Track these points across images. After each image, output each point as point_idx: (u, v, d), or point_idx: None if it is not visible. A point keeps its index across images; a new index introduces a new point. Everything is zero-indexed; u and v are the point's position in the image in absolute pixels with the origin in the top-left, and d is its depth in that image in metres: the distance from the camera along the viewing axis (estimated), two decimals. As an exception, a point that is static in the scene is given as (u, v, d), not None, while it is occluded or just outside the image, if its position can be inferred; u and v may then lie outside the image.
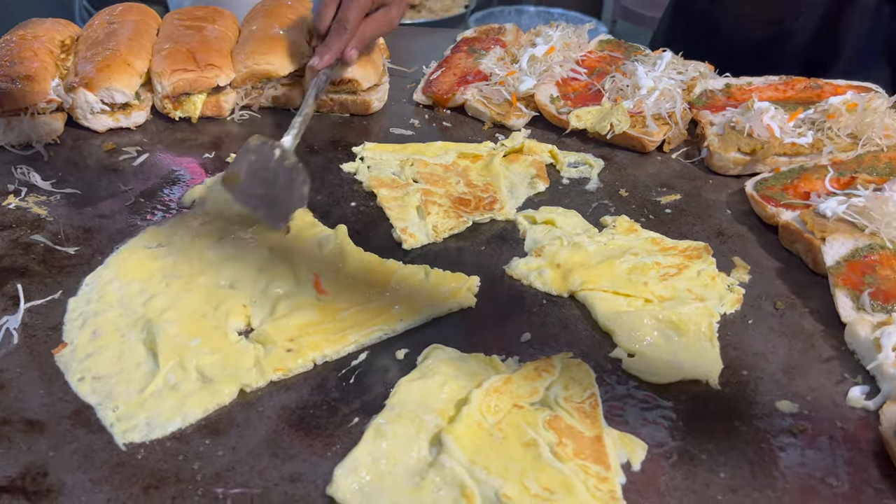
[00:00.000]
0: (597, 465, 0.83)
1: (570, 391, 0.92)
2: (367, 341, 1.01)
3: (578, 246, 1.17)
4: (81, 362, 0.96)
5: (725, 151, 1.38)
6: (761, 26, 1.78)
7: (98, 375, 0.94)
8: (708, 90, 1.58)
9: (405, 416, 0.87)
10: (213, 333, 1.00)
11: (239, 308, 1.05)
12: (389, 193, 1.31)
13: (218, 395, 0.91)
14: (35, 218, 1.24)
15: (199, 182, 1.34)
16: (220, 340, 1.00)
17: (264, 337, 0.99)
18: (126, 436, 0.87)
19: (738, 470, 0.85)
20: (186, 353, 0.97)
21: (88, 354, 0.97)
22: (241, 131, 1.52)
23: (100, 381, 0.94)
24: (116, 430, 0.87)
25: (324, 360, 0.98)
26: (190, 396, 0.91)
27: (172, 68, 1.48)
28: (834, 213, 1.16)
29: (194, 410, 0.90)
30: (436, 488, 0.80)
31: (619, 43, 1.77)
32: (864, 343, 0.98)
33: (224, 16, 1.70)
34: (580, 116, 1.50)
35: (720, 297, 1.10)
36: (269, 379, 0.95)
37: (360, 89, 1.55)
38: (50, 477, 0.82)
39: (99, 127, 1.48)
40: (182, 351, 0.97)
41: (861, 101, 1.39)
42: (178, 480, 0.82)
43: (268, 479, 0.82)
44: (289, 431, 0.88)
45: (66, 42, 1.60)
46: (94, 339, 0.99)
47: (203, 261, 1.13)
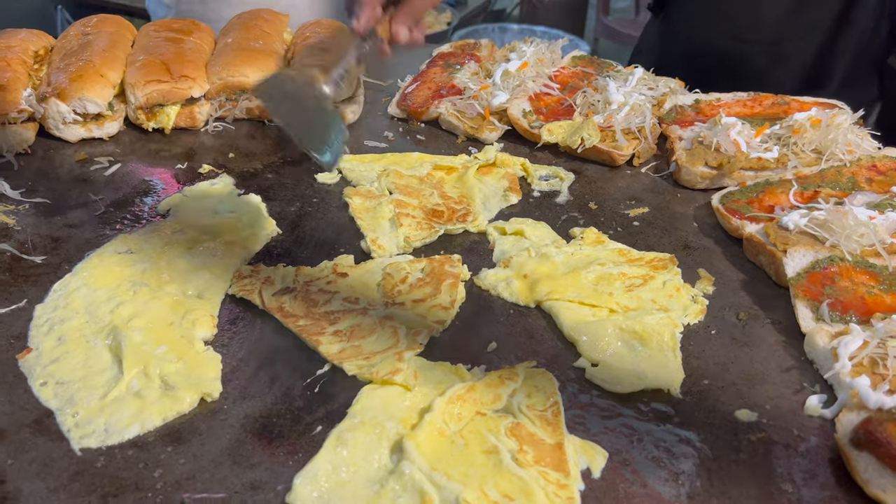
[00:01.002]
0: (556, 472, 0.83)
1: (532, 399, 0.93)
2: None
3: (546, 257, 1.18)
4: (45, 367, 0.96)
5: (693, 165, 1.41)
6: (761, 49, 1.81)
7: (61, 381, 0.94)
8: (678, 105, 1.61)
9: (367, 424, 0.87)
10: (180, 342, 1.00)
11: (206, 318, 1.05)
12: (362, 203, 1.32)
13: (178, 403, 0.91)
14: (2, 227, 1.23)
15: (172, 192, 1.35)
16: (185, 349, 1.00)
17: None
18: (83, 441, 0.87)
19: (697, 478, 0.86)
20: (151, 360, 0.96)
21: (53, 360, 0.97)
22: (215, 143, 1.53)
23: (62, 386, 0.93)
24: (73, 436, 0.87)
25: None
26: (151, 404, 0.91)
27: (146, 79, 1.49)
28: (796, 225, 1.19)
29: (153, 418, 0.90)
30: (395, 495, 0.80)
31: (591, 59, 1.80)
32: (823, 353, 1.00)
33: (200, 28, 1.71)
34: (552, 130, 1.52)
35: (684, 307, 1.11)
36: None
37: (334, 101, 1.56)
38: (7, 485, 0.81)
39: (71, 137, 1.48)
40: (147, 358, 0.97)
41: (825, 118, 1.42)
42: (138, 488, 0.81)
43: (228, 487, 0.82)
44: (251, 440, 0.88)
45: (40, 52, 1.61)
46: (60, 344, 0.99)
47: (172, 269, 1.13)
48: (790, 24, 1.75)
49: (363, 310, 1.06)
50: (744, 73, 1.78)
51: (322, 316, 1.05)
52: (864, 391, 0.90)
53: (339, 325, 1.04)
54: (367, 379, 0.95)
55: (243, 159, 1.47)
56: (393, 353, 0.99)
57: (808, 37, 1.76)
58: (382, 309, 1.07)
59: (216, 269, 1.14)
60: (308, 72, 1.09)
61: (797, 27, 1.75)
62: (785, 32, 1.77)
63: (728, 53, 1.82)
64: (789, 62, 1.79)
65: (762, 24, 1.78)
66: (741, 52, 1.81)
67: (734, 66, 1.81)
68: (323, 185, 1.41)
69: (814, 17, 1.74)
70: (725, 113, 1.51)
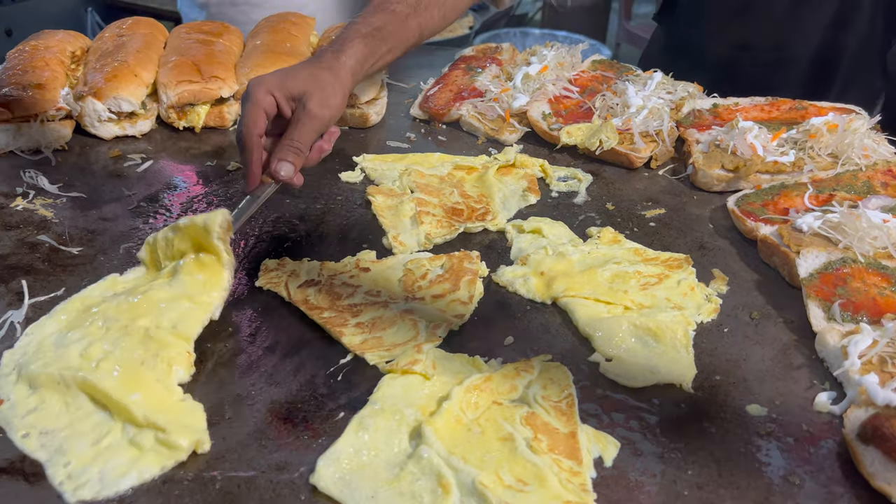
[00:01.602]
0: (569, 460, 0.86)
1: (548, 391, 0.96)
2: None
3: (563, 255, 1.21)
4: (24, 418, 0.89)
5: (709, 168, 1.43)
6: (762, 53, 1.84)
7: (45, 430, 0.88)
8: (696, 110, 1.63)
9: (387, 411, 0.91)
10: (154, 387, 0.92)
11: (182, 355, 0.97)
12: (384, 202, 1.36)
13: (176, 452, 0.86)
14: (41, 219, 1.29)
15: (200, 190, 1.40)
16: (163, 397, 0.92)
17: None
18: (77, 493, 0.82)
19: (706, 468, 0.88)
20: (130, 408, 0.89)
21: (30, 410, 0.90)
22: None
23: (48, 436, 0.87)
24: (67, 489, 0.82)
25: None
26: (147, 451, 0.86)
27: (178, 79, 1.54)
28: (810, 227, 1.21)
29: (151, 467, 0.85)
30: (414, 478, 0.84)
31: (611, 63, 1.82)
32: (833, 351, 1.02)
33: (230, 31, 1.77)
34: (571, 133, 1.55)
35: (698, 306, 1.14)
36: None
37: (358, 103, 1.60)
38: (47, 460, 0.85)
39: (106, 134, 1.54)
40: (123, 407, 0.89)
41: (842, 122, 1.44)
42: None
43: (255, 467, 0.86)
44: (277, 424, 0.92)
45: (77, 53, 1.67)
46: (33, 393, 0.92)
47: (148, 301, 1.02)
48: (789, 28, 1.78)
49: (384, 303, 1.10)
50: (745, 80, 1.80)
51: (345, 308, 1.09)
52: (873, 388, 0.92)
53: (361, 317, 1.08)
54: (388, 369, 0.99)
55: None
56: (412, 344, 1.03)
57: (808, 39, 1.78)
58: (403, 303, 1.10)
59: (199, 297, 1.03)
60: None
61: (796, 30, 1.78)
62: (785, 37, 1.79)
63: (730, 60, 1.86)
64: (791, 66, 1.82)
65: (762, 29, 1.81)
66: (742, 58, 1.84)
67: (736, 72, 1.84)
68: (347, 183, 1.45)
69: (811, 19, 1.76)
70: (743, 117, 1.53)
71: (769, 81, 1.83)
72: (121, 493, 0.82)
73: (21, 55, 1.58)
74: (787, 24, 1.79)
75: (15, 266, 1.17)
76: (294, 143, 1.14)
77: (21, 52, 1.60)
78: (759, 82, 1.79)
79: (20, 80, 1.48)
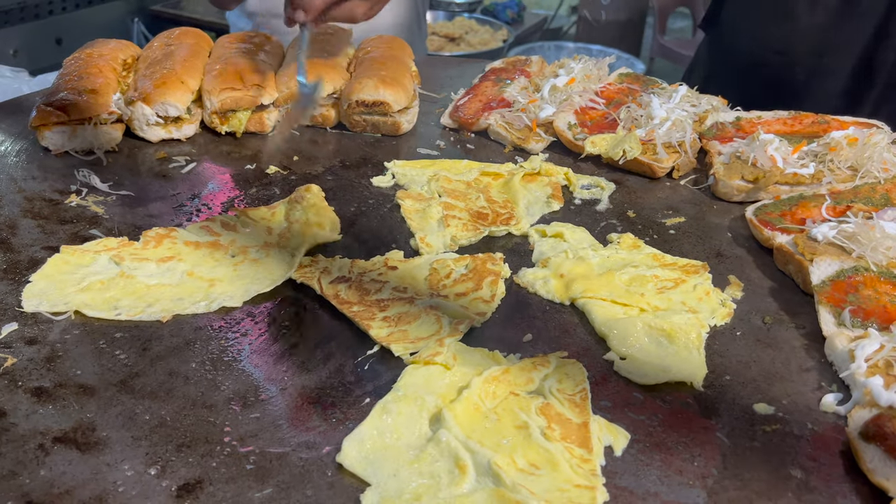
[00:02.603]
0: (581, 448, 0.91)
1: (563, 384, 1.01)
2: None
3: (582, 258, 1.26)
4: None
5: (729, 179, 1.47)
6: (803, 59, 1.88)
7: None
8: (719, 122, 1.67)
9: (409, 397, 0.97)
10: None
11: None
12: (412, 205, 1.43)
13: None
14: (93, 215, 1.38)
15: (238, 192, 1.48)
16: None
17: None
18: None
19: (711, 460, 0.92)
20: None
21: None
22: (281, 146, 1.66)
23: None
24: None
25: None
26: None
27: (222, 87, 1.63)
28: (825, 237, 1.24)
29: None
30: (433, 459, 0.89)
31: (637, 76, 1.87)
32: (841, 354, 1.05)
33: (271, 41, 1.86)
34: (595, 143, 1.60)
35: (712, 310, 1.18)
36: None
37: (391, 111, 1.67)
38: (98, 432, 0.93)
39: (153, 137, 1.63)
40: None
41: (862, 136, 1.47)
42: (208, 441, 0.93)
43: (286, 445, 0.93)
44: (307, 407, 0.99)
45: (128, 61, 1.77)
46: None
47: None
48: (830, 38, 1.81)
49: (410, 299, 1.16)
50: (787, 88, 1.84)
51: (373, 303, 1.15)
52: (877, 390, 0.96)
53: (388, 311, 1.14)
54: (412, 361, 1.05)
55: (306, 162, 1.60)
56: (435, 339, 1.09)
57: (848, 50, 1.81)
58: (428, 299, 1.16)
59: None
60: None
61: (837, 40, 1.81)
62: (826, 45, 1.83)
63: (772, 68, 1.89)
64: (830, 77, 1.85)
65: (805, 36, 1.85)
66: (784, 66, 1.87)
67: (778, 80, 1.88)
68: (378, 188, 1.52)
69: (853, 29, 1.79)
70: (765, 130, 1.57)
71: (808, 90, 1.87)
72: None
73: (77, 62, 1.68)
74: (830, 33, 1.82)
75: (69, 257, 1.26)
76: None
77: (77, 59, 1.70)
78: (798, 90, 1.84)
79: (76, 85, 1.58)
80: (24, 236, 1.30)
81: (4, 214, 1.36)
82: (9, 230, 1.32)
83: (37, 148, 1.58)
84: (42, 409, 0.96)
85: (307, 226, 1.32)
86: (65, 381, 1.01)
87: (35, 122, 1.53)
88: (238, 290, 1.18)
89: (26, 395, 0.98)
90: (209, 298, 1.16)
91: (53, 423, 0.94)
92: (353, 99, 1.66)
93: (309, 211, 1.36)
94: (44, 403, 0.97)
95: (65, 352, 1.06)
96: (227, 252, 1.26)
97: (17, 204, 1.40)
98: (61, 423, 0.94)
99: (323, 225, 1.34)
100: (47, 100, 1.54)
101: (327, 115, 1.72)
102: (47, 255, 1.24)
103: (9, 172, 1.50)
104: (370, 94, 1.65)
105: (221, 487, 0.87)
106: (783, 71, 1.90)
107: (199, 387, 1.01)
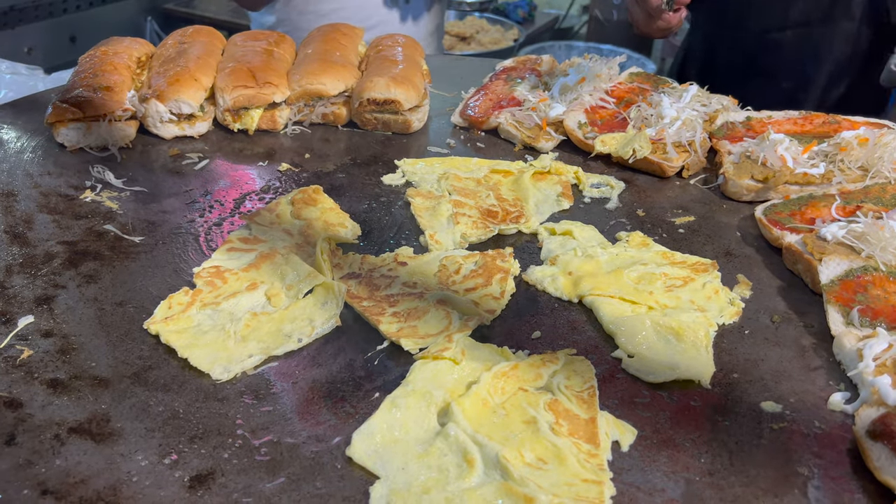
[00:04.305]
0: (588, 444, 0.92)
1: (571, 381, 1.02)
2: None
3: (591, 256, 1.27)
4: None
5: (739, 178, 1.47)
6: (752, 37, 2.00)
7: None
8: (729, 122, 1.67)
9: (418, 392, 0.98)
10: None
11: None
12: (423, 203, 1.44)
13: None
14: (107, 210, 1.40)
15: (250, 188, 1.49)
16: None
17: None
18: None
19: (718, 457, 0.93)
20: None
21: None
22: (293, 144, 1.67)
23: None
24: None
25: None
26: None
27: (234, 84, 1.65)
28: (834, 236, 1.24)
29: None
30: (441, 453, 0.90)
31: (648, 76, 1.87)
32: (849, 353, 1.05)
33: (283, 39, 1.87)
34: (605, 141, 1.61)
35: (721, 309, 1.18)
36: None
37: (401, 110, 1.68)
38: (112, 423, 0.95)
39: (166, 134, 1.65)
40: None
41: (872, 136, 1.47)
42: (220, 433, 0.94)
43: (297, 437, 0.94)
44: (318, 400, 1.00)
45: (142, 59, 1.79)
46: None
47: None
48: (817, 7, 1.90)
49: (420, 294, 1.17)
50: (772, 68, 1.91)
51: (383, 298, 1.17)
52: (885, 389, 0.96)
53: (397, 307, 1.15)
54: (421, 356, 1.06)
55: (318, 160, 1.61)
56: (445, 335, 1.10)
57: (795, 28, 1.92)
58: (437, 293, 1.17)
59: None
60: None
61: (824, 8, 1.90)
62: (812, 15, 1.92)
63: (758, 48, 1.99)
64: (818, 50, 1.91)
65: (789, 12, 1.94)
66: (769, 45, 1.96)
67: (766, 61, 1.94)
68: (388, 185, 1.53)
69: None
70: (775, 130, 1.57)
71: (793, 69, 1.98)
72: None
73: (92, 60, 1.70)
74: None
75: (84, 252, 1.27)
76: None
77: (92, 56, 1.72)
78: (784, 69, 1.95)
79: (91, 82, 1.60)
80: (40, 231, 1.32)
81: (21, 209, 1.38)
82: (25, 225, 1.34)
83: (52, 144, 1.60)
84: (57, 401, 0.98)
85: (329, 225, 1.34)
86: (80, 373, 1.02)
87: (51, 119, 1.55)
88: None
89: (42, 386, 1.00)
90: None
91: (69, 413, 0.96)
92: (365, 97, 1.67)
93: (328, 214, 1.37)
94: (59, 395, 0.99)
95: (80, 345, 1.08)
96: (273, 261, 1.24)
97: (34, 199, 1.42)
98: (76, 414, 0.96)
99: (345, 225, 1.36)
100: (63, 97, 1.56)
101: (339, 114, 1.73)
102: (63, 249, 1.26)
103: (25, 168, 1.52)
104: (381, 93, 1.66)
105: (233, 478, 0.88)
106: (768, 50, 1.99)
107: (211, 380, 1.02)
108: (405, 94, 1.67)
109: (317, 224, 1.34)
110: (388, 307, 1.15)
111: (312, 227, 1.32)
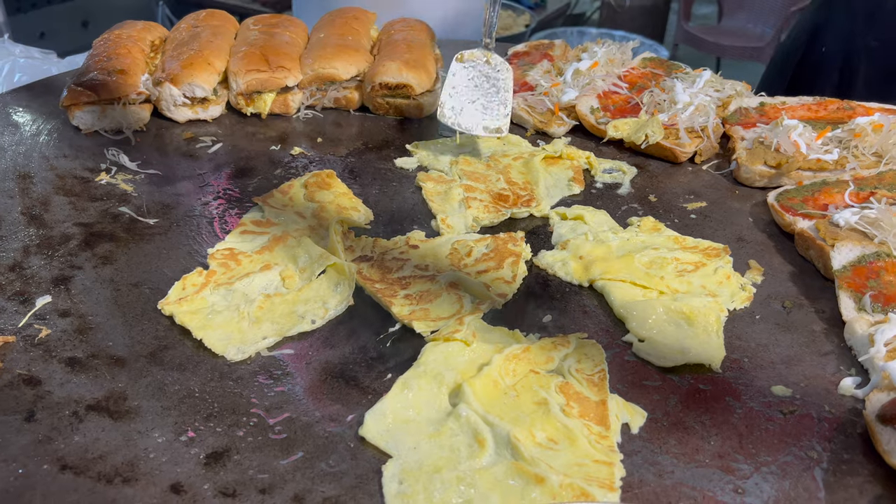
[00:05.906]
0: (599, 426, 0.93)
1: (582, 364, 1.03)
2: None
3: (602, 241, 1.27)
4: None
5: (752, 164, 1.47)
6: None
7: None
8: (742, 107, 1.66)
9: (430, 373, 0.99)
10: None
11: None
12: (434, 187, 1.44)
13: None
14: (122, 193, 1.41)
15: (263, 172, 1.50)
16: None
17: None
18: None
19: (728, 440, 0.94)
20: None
21: None
22: (305, 128, 1.68)
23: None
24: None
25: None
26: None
27: (247, 68, 1.65)
28: (847, 222, 1.24)
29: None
30: (453, 433, 0.91)
31: (661, 61, 1.87)
32: (861, 339, 1.05)
33: (295, 24, 1.87)
34: (617, 127, 1.60)
35: (732, 294, 1.18)
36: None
37: (413, 94, 1.68)
38: (129, 401, 0.96)
39: (180, 118, 1.66)
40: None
41: (887, 123, 1.46)
42: (234, 412, 0.95)
43: (310, 417, 0.95)
44: (331, 381, 1.01)
45: (156, 42, 1.79)
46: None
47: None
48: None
49: (432, 277, 1.18)
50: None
51: (395, 281, 1.17)
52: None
53: (409, 289, 1.16)
54: (433, 339, 1.07)
55: (330, 144, 1.62)
56: (456, 318, 1.10)
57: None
58: (450, 274, 1.18)
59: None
60: None
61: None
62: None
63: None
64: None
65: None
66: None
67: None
68: (400, 169, 1.53)
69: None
70: (789, 116, 1.56)
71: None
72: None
73: (106, 43, 1.71)
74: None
75: (99, 233, 1.29)
76: None
77: (106, 40, 1.73)
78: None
79: (105, 66, 1.61)
80: (56, 212, 1.34)
81: (37, 191, 1.40)
82: (42, 206, 1.35)
83: (67, 127, 1.62)
84: (75, 379, 0.99)
85: (341, 209, 1.35)
86: (97, 352, 1.04)
87: (66, 102, 1.56)
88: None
89: (60, 364, 1.02)
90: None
91: (86, 391, 0.97)
92: (377, 81, 1.67)
93: (341, 198, 1.38)
94: (77, 373, 1.00)
95: (96, 324, 1.09)
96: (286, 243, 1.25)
97: (50, 181, 1.43)
98: (94, 391, 0.97)
99: (357, 209, 1.36)
100: (78, 80, 1.57)
101: (351, 98, 1.73)
102: (78, 230, 1.28)
103: (41, 151, 1.53)
104: (393, 77, 1.66)
105: (248, 456, 0.89)
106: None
107: (225, 360, 1.04)
108: (417, 78, 1.67)
109: (330, 207, 1.34)
110: (400, 290, 1.16)
111: (325, 210, 1.33)
